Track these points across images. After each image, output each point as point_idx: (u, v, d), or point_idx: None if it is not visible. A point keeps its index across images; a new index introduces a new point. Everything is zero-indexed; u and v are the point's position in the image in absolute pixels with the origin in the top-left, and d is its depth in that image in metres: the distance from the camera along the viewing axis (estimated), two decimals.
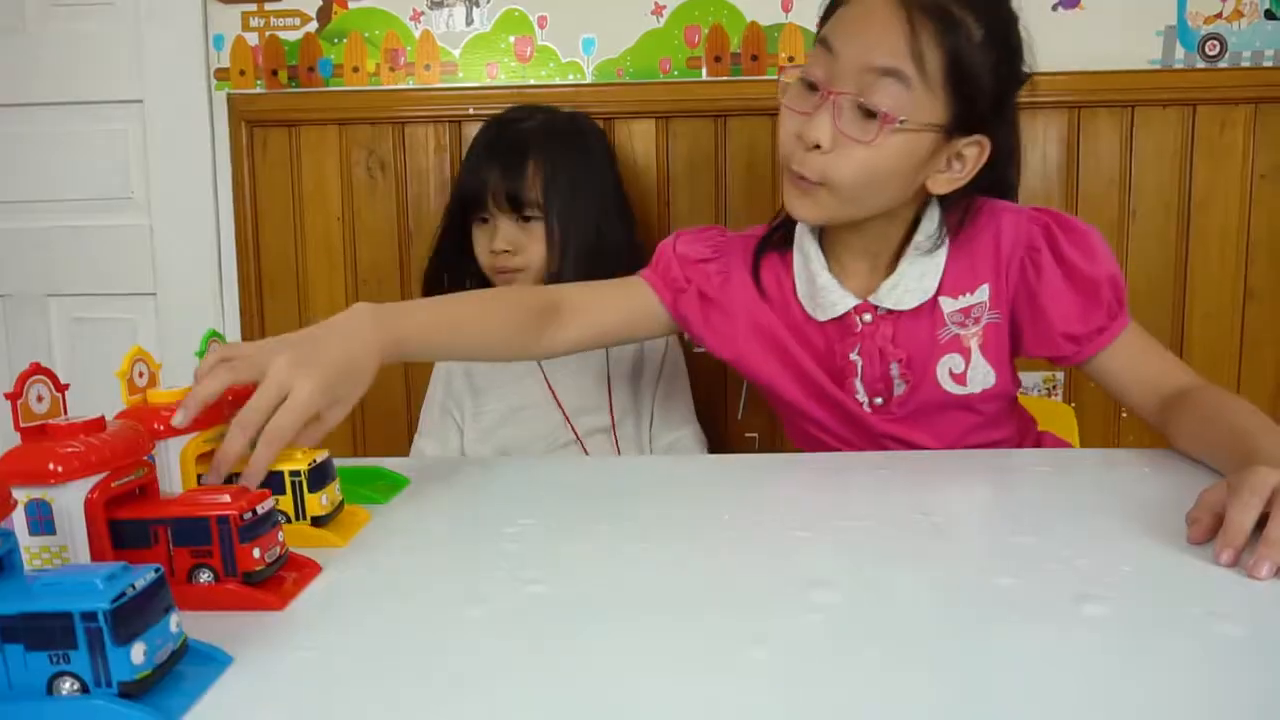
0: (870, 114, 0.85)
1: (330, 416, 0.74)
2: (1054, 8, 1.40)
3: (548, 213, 1.25)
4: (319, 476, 0.69)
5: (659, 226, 1.50)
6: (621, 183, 1.38)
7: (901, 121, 0.86)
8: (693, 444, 1.31)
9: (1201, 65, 1.39)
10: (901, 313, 0.96)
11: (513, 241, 1.26)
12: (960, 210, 0.95)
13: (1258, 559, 0.57)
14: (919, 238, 0.95)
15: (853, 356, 0.99)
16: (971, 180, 0.92)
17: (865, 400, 0.99)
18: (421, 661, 0.49)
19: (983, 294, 0.95)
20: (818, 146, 0.88)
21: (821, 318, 0.99)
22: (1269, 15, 1.37)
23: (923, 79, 0.85)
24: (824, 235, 0.99)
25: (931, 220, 0.95)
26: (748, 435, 1.52)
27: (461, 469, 0.93)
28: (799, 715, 0.42)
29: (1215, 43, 1.38)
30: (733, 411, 1.51)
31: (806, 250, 0.99)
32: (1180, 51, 1.39)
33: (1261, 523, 0.60)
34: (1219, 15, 1.38)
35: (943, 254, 0.95)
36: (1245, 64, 1.38)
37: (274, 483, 0.67)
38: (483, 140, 1.32)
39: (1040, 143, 1.42)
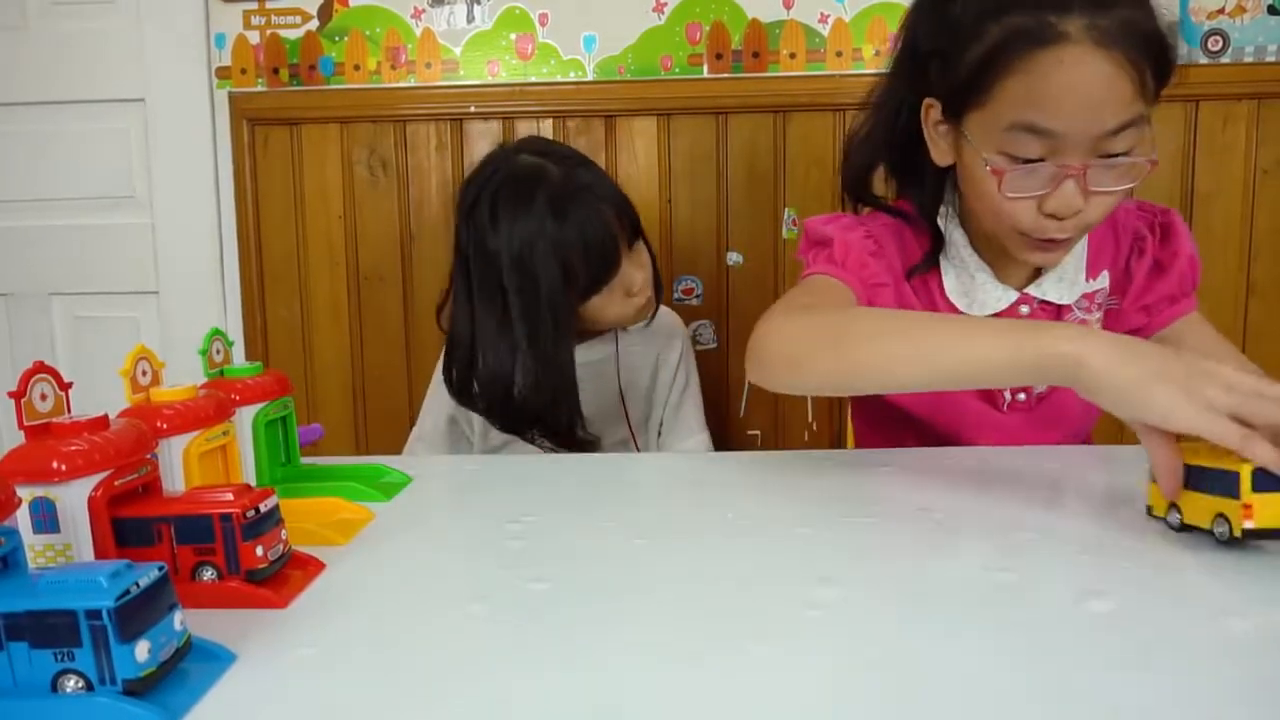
0: (1109, 155, 0.79)
1: None
2: None
3: (638, 228, 1.18)
4: None
5: (660, 224, 1.50)
6: None
7: (1152, 157, 0.81)
8: (703, 452, 1.29)
9: (1204, 61, 1.39)
10: (1053, 303, 0.95)
11: (642, 267, 1.16)
12: None
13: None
14: None
15: None
16: None
17: (1008, 398, 0.97)
18: (424, 659, 0.49)
19: (1103, 280, 0.96)
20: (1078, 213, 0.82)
21: (980, 314, 0.93)
22: (1271, 10, 1.37)
23: (1150, 103, 0.79)
24: (975, 234, 0.94)
25: None
26: (750, 433, 1.52)
27: (463, 467, 0.93)
28: (801, 711, 0.42)
29: (1218, 38, 1.38)
30: (735, 409, 1.51)
31: (959, 249, 0.94)
32: (1182, 47, 1.39)
33: None
34: (1221, 10, 1.38)
35: (1084, 246, 0.95)
36: (1248, 59, 1.38)
37: None
38: (554, 205, 1.09)
39: None
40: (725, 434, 1.49)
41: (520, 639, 0.51)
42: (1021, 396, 0.96)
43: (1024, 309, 0.93)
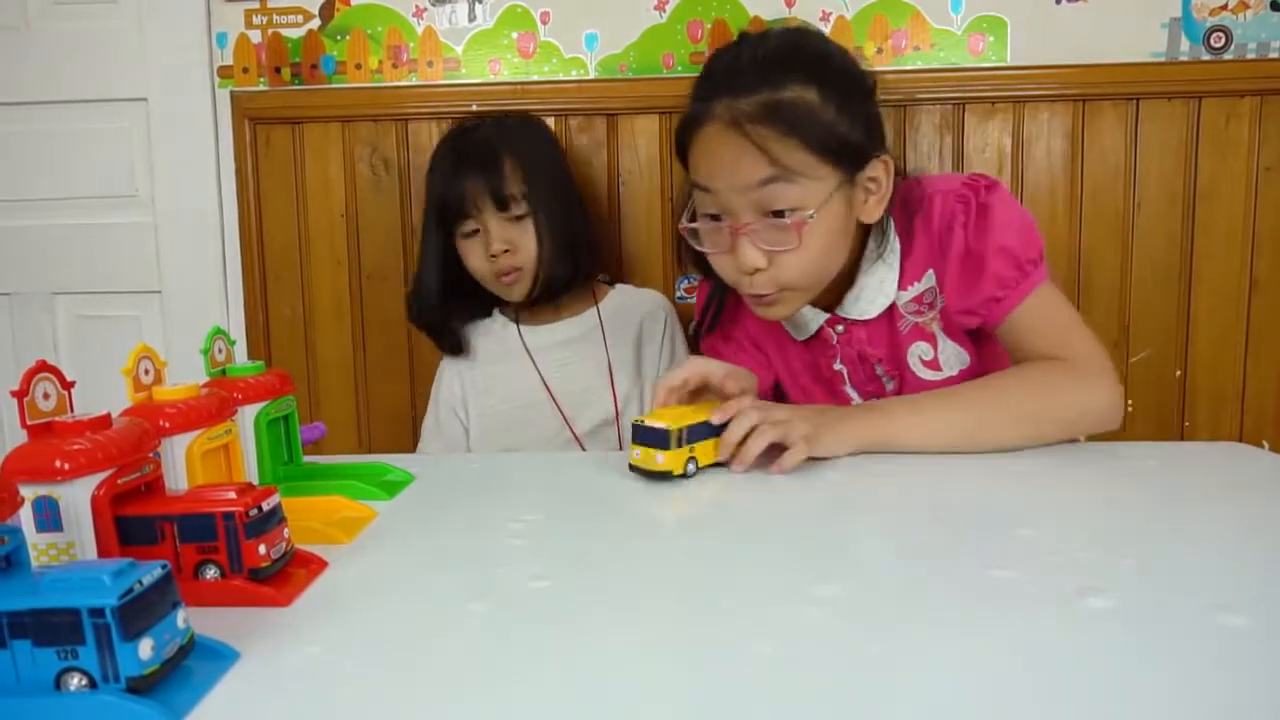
0: (780, 214, 0.89)
1: None
2: (1058, 1, 1.39)
3: (533, 206, 1.26)
4: None
5: (664, 221, 1.50)
6: (574, 180, 1.40)
7: (810, 215, 0.88)
8: None
9: (1206, 57, 1.38)
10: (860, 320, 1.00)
11: (508, 240, 1.26)
12: (901, 209, 0.97)
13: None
14: (870, 248, 0.98)
15: (836, 366, 1.03)
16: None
17: (855, 398, 1.04)
18: (426, 657, 0.49)
19: (929, 279, 0.99)
20: (759, 269, 0.91)
21: (801, 337, 1.04)
22: (1274, 7, 1.37)
23: (795, 169, 0.87)
24: None
25: (879, 229, 0.98)
26: None
27: (466, 465, 0.93)
28: (803, 709, 0.42)
29: (1220, 35, 1.38)
30: None
31: None
32: (1185, 44, 1.38)
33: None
34: (1224, 7, 1.37)
35: (896, 257, 0.98)
36: (1250, 56, 1.38)
37: None
38: (447, 152, 1.30)
39: (1045, 136, 1.42)
40: None
41: (521, 637, 0.51)
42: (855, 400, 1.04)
43: (839, 327, 1.02)
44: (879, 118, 0.95)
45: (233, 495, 0.56)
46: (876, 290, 0.98)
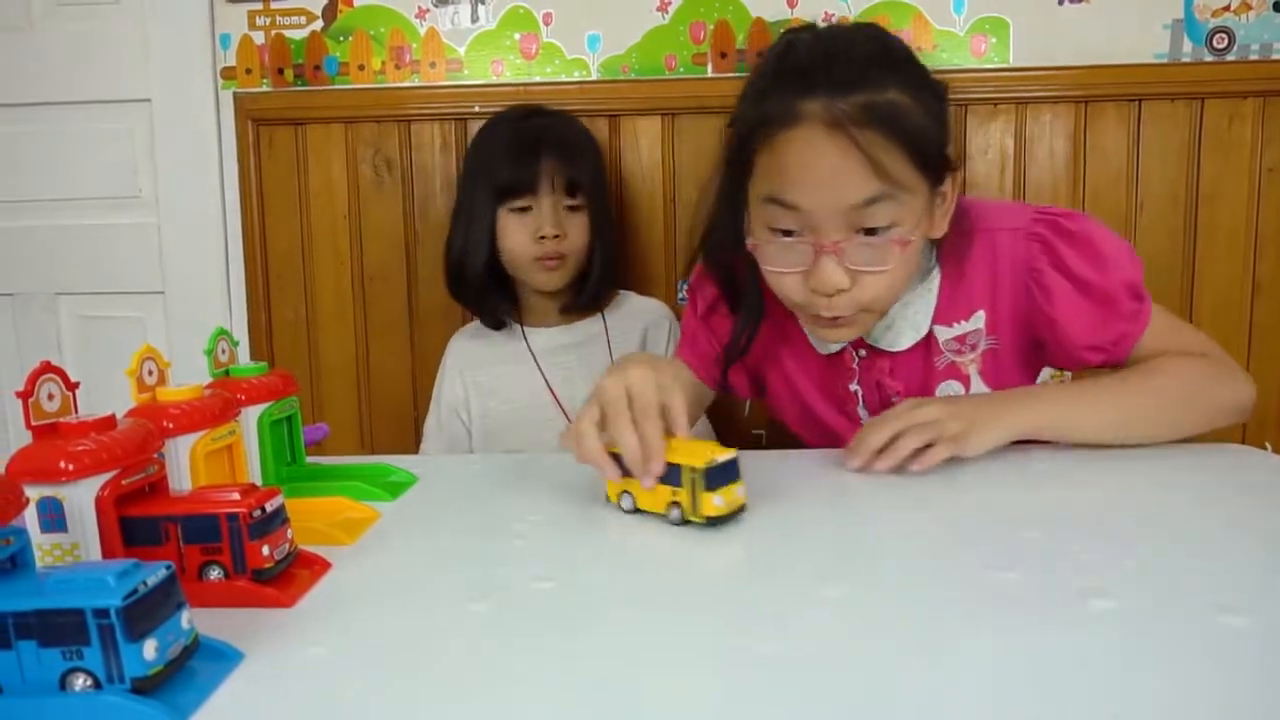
0: (871, 231, 0.81)
1: None
2: (1060, 2, 1.39)
3: (594, 199, 1.29)
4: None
5: (666, 223, 1.50)
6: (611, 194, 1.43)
7: (911, 233, 0.82)
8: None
9: (1209, 58, 1.38)
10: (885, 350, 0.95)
11: (560, 226, 1.27)
12: (955, 238, 0.91)
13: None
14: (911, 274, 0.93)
15: (852, 387, 0.99)
16: None
17: (863, 415, 0.99)
18: (430, 657, 0.49)
19: (978, 320, 0.93)
20: (841, 290, 0.83)
21: (824, 351, 0.99)
22: (1277, 8, 1.37)
23: (901, 183, 0.80)
24: None
25: (927, 253, 0.93)
26: (754, 432, 1.52)
27: (469, 466, 0.93)
28: (806, 711, 0.43)
29: (1223, 36, 1.38)
30: (739, 410, 1.51)
31: None
32: (1188, 45, 1.38)
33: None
34: (1227, 8, 1.37)
35: (935, 287, 0.93)
36: (1253, 57, 1.38)
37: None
38: (511, 132, 1.30)
39: (1047, 137, 1.42)
40: (729, 434, 1.48)
41: (524, 638, 0.51)
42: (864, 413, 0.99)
43: (862, 352, 0.97)
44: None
45: (236, 496, 0.56)
46: (908, 322, 0.93)
